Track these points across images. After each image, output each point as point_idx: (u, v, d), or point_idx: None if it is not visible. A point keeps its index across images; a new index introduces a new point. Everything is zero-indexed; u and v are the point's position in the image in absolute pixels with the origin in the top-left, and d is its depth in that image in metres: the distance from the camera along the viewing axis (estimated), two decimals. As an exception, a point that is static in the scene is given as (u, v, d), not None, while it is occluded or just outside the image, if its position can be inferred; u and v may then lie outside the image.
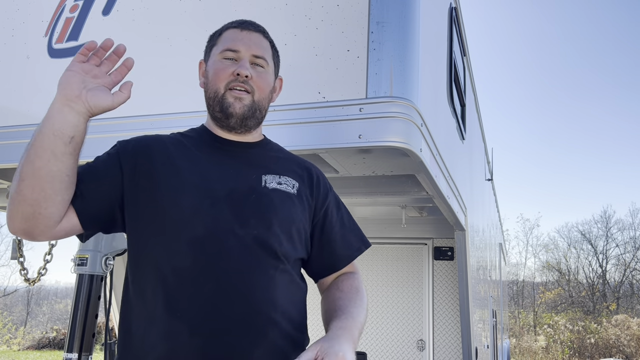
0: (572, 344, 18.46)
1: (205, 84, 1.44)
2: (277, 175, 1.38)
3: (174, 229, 1.25)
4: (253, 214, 1.29)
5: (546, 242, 31.11)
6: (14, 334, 19.82)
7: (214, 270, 1.23)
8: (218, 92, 1.37)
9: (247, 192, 1.32)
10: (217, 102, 1.37)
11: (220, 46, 1.41)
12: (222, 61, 1.38)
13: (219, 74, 1.37)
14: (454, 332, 4.79)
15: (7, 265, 29.45)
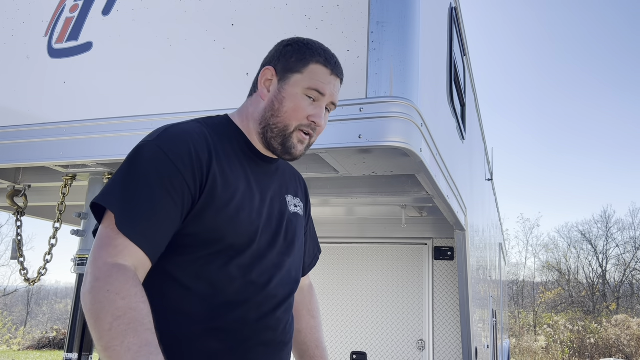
0: (572, 344, 18.46)
1: (272, 104, 1.33)
2: (293, 196, 1.45)
3: (227, 254, 1.24)
4: (285, 242, 1.36)
5: (546, 242, 31.14)
6: (14, 334, 19.82)
7: (258, 298, 1.27)
8: (288, 129, 1.31)
9: (280, 217, 1.36)
10: (282, 136, 1.32)
11: (307, 81, 1.31)
12: (304, 99, 1.31)
13: (298, 113, 1.31)
14: (454, 332, 4.79)
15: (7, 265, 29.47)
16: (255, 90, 1.40)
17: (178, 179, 1.17)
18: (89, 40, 2.37)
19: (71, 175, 2.58)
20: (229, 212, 1.23)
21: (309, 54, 1.33)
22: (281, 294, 1.32)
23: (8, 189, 2.85)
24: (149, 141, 1.23)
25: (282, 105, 1.32)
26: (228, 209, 1.23)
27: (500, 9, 45.90)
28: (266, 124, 1.33)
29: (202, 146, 1.24)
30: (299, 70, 1.32)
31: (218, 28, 2.14)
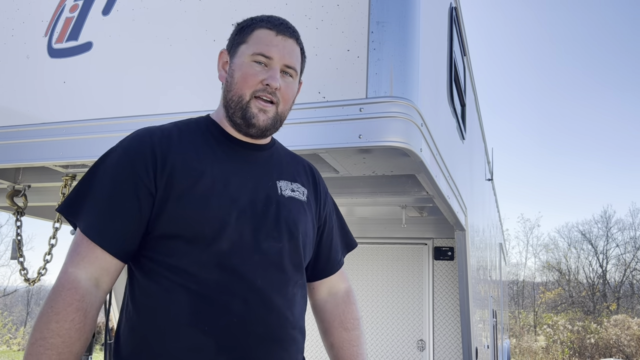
0: (572, 344, 18.46)
1: (227, 81, 1.34)
2: (289, 181, 1.38)
3: (201, 243, 1.20)
4: (275, 226, 1.28)
5: (546, 242, 31.14)
6: (14, 334, 19.81)
7: (241, 287, 1.21)
8: (243, 98, 1.29)
9: (267, 201, 1.29)
10: (240, 108, 1.29)
11: (252, 47, 1.30)
12: (252, 65, 1.29)
13: (247, 80, 1.28)
14: (454, 332, 4.79)
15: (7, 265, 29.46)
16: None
17: (132, 173, 1.22)
18: (89, 40, 2.37)
19: (71, 175, 2.58)
20: (192, 199, 1.21)
21: (251, 23, 1.34)
22: (274, 282, 1.25)
23: (8, 189, 2.84)
24: (113, 148, 1.29)
25: (232, 78, 1.31)
26: (191, 196, 1.21)
27: (500, 10, 45.91)
28: (226, 103, 1.33)
29: (162, 141, 1.26)
30: (244, 40, 1.32)
31: (218, 28, 2.14)
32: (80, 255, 1.18)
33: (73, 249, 1.19)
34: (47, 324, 1.12)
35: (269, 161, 1.38)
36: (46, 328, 1.11)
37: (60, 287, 1.15)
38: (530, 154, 42.71)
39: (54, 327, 1.12)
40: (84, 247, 1.19)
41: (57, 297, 1.14)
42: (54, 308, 1.13)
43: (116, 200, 1.21)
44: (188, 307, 1.18)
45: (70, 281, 1.15)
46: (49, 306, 1.13)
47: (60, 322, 1.12)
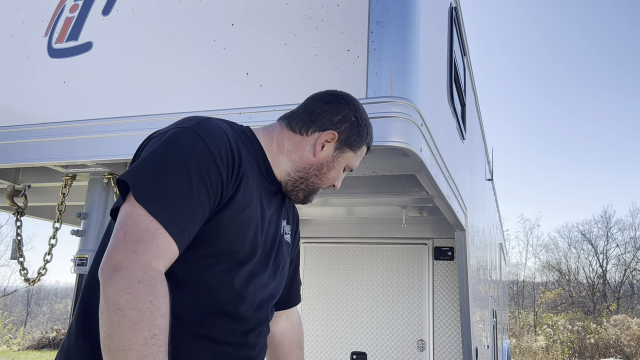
0: (572, 344, 18.46)
1: (320, 165, 1.38)
2: (286, 222, 1.46)
3: (230, 261, 1.21)
4: (274, 266, 1.37)
5: (546, 242, 31.18)
6: (14, 334, 19.82)
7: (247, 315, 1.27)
8: (316, 188, 1.42)
9: (274, 240, 1.37)
10: (309, 191, 1.42)
11: (352, 159, 1.43)
12: (341, 168, 1.43)
13: (332, 180, 1.42)
14: (454, 332, 4.79)
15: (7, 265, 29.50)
16: (299, 131, 1.38)
17: (215, 172, 1.14)
18: (89, 40, 2.37)
19: (71, 175, 2.58)
20: (242, 218, 1.21)
21: (365, 136, 1.43)
22: (263, 316, 1.33)
23: (8, 189, 2.84)
24: (186, 127, 1.17)
25: (329, 172, 1.40)
26: (242, 214, 1.21)
27: (500, 11, 45.90)
28: (305, 177, 1.39)
29: (235, 146, 1.22)
30: (354, 149, 1.41)
31: (218, 28, 2.14)
32: (160, 247, 1.06)
33: (148, 238, 1.05)
34: (154, 320, 1.00)
35: (279, 199, 1.43)
36: (153, 325, 1.00)
37: (153, 281, 1.02)
38: (530, 154, 42.71)
39: (160, 322, 1.01)
40: (162, 240, 1.06)
41: (154, 291, 1.02)
42: (154, 303, 1.01)
43: (197, 197, 1.11)
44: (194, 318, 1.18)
45: (158, 273, 1.05)
46: (148, 301, 1.00)
47: (164, 316, 1.03)
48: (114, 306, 0.99)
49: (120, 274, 1.01)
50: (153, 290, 1.02)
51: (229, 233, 1.19)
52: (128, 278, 1.01)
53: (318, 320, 5.05)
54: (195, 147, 1.13)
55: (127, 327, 0.98)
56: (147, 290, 1.01)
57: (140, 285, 1.01)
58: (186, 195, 1.09)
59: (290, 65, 1.88)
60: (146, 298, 1.00)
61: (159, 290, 1.03)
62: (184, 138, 1.15)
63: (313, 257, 5.20)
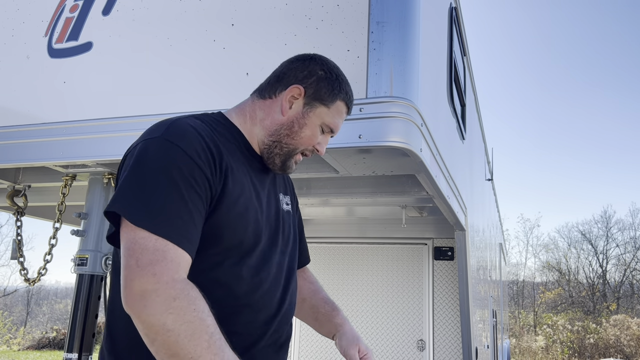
0: (572, 344, 18.46)
1: (289, 123, 1.33)
2: (284, 194, 1.46)
3: (237, 253, 1.22)
4: (284, 241, 1.38)
5: (546, 242, 31.18)
6: (14, 334, 19.82)
7: (268, 299, 1.28)
8: (294, 151, 1.35)
9: (277, 216, 1.37)
10: (286, 155, 1.35)
11: (329, 117, 1.35)
12: (318, 130, 1.35)
13: (311, 140, 1.35)
14: (454, 332, 4.79)
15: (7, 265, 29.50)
16: (269, 95, 1.36)
17: (199, 172, 1.13)
18: (89, 40, 2.37)
19: (71, 175, 2.58)
20: (238, 208, 1.21)
21: (338, 90, 1.36)
22: (288, 289, 1.35)
23: (8, 189, 2.84)
24: (156, 137, 1.16)
25: (301, 130, 1.33)
26: (238, 205, 1.21)
27: (500, 11, 45.90)
28: (278, 140, 1.34)
29: (211, 140, 1.21)
30: (326, 103, 1.34)
31: (218, 28, 2.14)
32: (175, 261, 1.06)
33: (160, 257, 1.05)
34: (205, 323, 1.04)
35: (270, 173, 1.43)
36: (206, 327, 1.04)
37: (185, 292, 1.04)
38: (530, 154, 42.71)
39: (210, 321, 1.05)
40: (173, 254, 1.07)
41: (191, 300, 1.04)
42: (197, 309, 1.04)
43: (190, 202, 1.11)
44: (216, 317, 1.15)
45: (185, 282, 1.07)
46: (192, 310, 1.03)
47: (210, 314, 1.06)
48: (163, 329, 1.01)
49: (151, 299, 1.02)
50: (189, 299, 1.04)
51: (230, 226, 1.19)
52: (162, 300, 1.02)
53: (318, 320, 5.04)
54: (172, 155, 1.12)
55: (187, 340, 1.01)
56: (186, 302, 1.03)
57: (177, 301, 1.02)
58: (180, 204, 1.09)
59: (290, 65, 1.87)
60: (189, 309, 1.03)
61: (194, 296, 1.05)
62: (156, 148, 1.14)
63: (313, 257, 5.20)
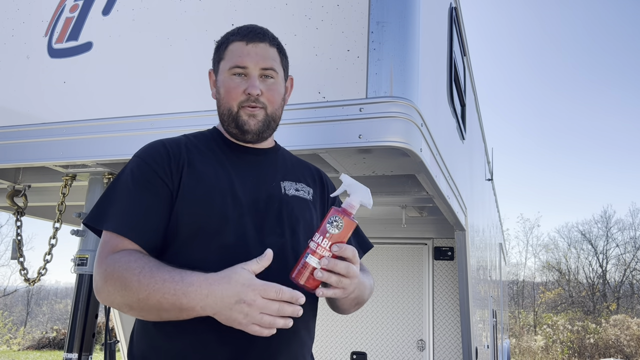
0: (572, 344, 18.46)
1: (217, 99, 1.44)
2: (293, 182, 1.44)
3: (205, 238, 1.26)
4: (278, 222, 1.34)
5: (546, 242, 31.19)
6: (14, 334, 19.82)
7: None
8: (232, 111, 1.38)
9: (269, 200, 1.35)
10: (232, 119, 1.38)
11: (228, 62, 1.39)
12: (232, 78, 1.38)
13: (230, 93, 1.37)
14: (454, 332, 4.79)
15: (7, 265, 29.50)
16: None
17: (152, 175, 1.29)
18: (89, 40, 2.37)
19: (71, 175, 2.58)
20: (198, 196, 1.29)
21: (225, 39, 1.43)
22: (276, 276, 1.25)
23: (8, 189, 2.84)
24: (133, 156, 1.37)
25: (220, 94, 1.41)
26: (196, 193, 1.29)
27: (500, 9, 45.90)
28: (221, 118, 1.43)
29: (173, 147, 1.35)
30: (221, 57, 1.42)
31: (218, 28, 2.14)
32: (114, 243, 1.24)
33: (103, 246, 1.24)
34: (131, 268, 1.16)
35: (274, 164, 1.45)
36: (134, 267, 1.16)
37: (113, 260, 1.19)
38: (530, 154, 42.71)
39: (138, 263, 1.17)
40: (114, 240, 1.24)
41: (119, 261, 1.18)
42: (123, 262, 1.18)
43: (141, 199, 1.27)
44: None
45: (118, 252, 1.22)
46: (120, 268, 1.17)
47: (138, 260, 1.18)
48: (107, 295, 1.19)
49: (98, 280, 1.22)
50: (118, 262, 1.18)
51: (190, 215, 1.27)
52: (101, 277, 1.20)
53: (318, 320, 5.03)
54: (133, 167, 1.32)
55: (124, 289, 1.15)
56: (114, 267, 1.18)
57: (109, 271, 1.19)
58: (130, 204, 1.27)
59: (290, 65, 1.87)
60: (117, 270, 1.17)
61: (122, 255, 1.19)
62: (127, 166, 1.35)
63: (313, 257, 5.19)
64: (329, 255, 1.17)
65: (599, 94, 39.52)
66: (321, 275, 1.16)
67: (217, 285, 1.12)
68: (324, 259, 1.17)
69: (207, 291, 1.11)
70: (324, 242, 1.17)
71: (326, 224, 1.19)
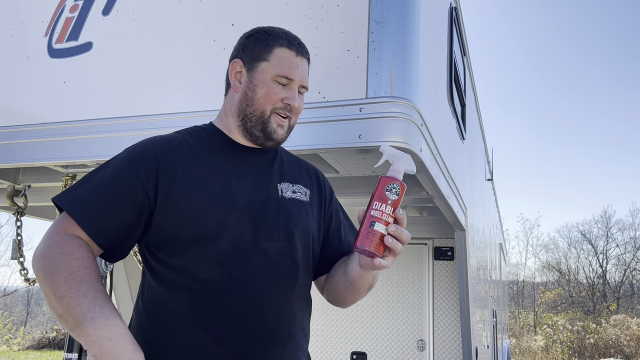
0: (572, 344, 18.46)
1: (246, 95, 1.37)
2: (291, 183, 1.42)
3: (201, 242, 1.25)
4: (275, 226, 1.32)
5: (546, 242, 31.15)
6: (14, 334, 19.81)
7: (240, 284, 1.25)
8: (264, 114, 1.35)
9: (266, 203, 1.34)
10: (261, 122, 1.35)
11: (275, 67, 1.35)
12: (275, 84, 1.35)
13: (271, 97, 1.35)
14: (454, 332, 4.79)
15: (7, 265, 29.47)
16: (228, 87, 1.44)
17: (134, 178, 1.26)
18: (89, 40, 2.37)
19: (71, 175, 2.58)
20: (194, 200, 1.26)
21: (271, 40, 1.38)
22: (273, 280, 1.29)
23: (8, 189, 2.84)
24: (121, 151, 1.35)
25: (255, 93, 1.36)
26: (192, 197, 1.27)
27: (500, 9, 45.93)
28: (243, 115, 1.37)
29: (162, 147, 1.32)
30: (264, 57, 1.37)
31: (218, 28, 2.14)
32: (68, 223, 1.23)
33: (58, 222, 1.23)
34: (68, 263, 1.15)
35: (271, 164, 1.43)
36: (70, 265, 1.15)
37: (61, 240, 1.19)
38: (530, 154, 42.71)
39: (75, 263, 1.16)
40: (69, 220, 1.23)
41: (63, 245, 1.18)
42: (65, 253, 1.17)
43: (112, 197, 1.25)
44: (189, 304, 1.22)
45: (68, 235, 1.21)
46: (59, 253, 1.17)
47: (79, 259, 1.17)
48: (37, 271, 1.17)
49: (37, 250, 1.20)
50: (62, 245, 1.18)
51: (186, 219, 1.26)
52: (41, 248, 1.20)
53: (318, 320, 5.05)
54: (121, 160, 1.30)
55: (49, 277, 1.14)
56: (56, 248, 1.18)
57: (51, 247, 1.18)
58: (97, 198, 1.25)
59: (290, 65, 1.88)
60: (57, 252, 1.17)
61: (68, 243, 1.19)
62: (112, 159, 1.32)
63: (313, 257, 5.19)
64: (392, 221, 1.21)
65: (599, 93, 39.55)
66: (391, 242, 1.19)
67: (125, 346, 1.11)
68: (390, 225, 1.20)
69: (111, 337, 1.10)
70: (387, 209, 1.20)
71: (385, 191, 1.22)
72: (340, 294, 1.45)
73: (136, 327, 1.30)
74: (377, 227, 1.19)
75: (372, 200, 1.22)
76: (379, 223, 1.19)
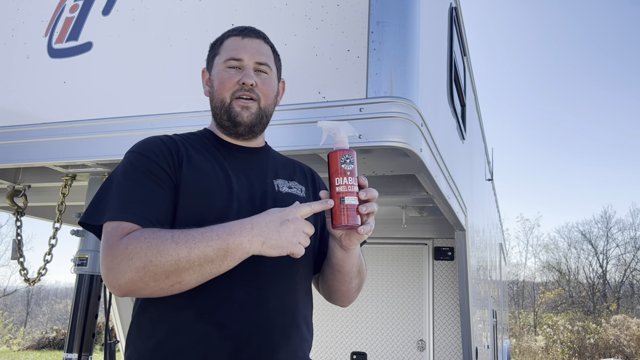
0: (572, 344, 18.45)
1: (210, 93, 1.44)
2: (286, 180, 1.44)
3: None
4: None
5: (546, 242, 31.18)
6: (14, 334, 19.82)
7: (242, 275, 1.24)
8: (224, 102, 1.39)
9: (264, 197, 1.35)
10: (224, 111, 1.39)
11: (223, 55, 1.41)
12: (227, 70, 1.39)
13: (225, 84, 1.38)
14: (454, 332, 4.79)
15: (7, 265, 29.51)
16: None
17: (153, 165, 1.26)
18: (89, 40, 2.37)
19: (71, 175, 2.58)
20: (198, 190, 1.28)
21: (221, 37, 1.46)
22: (273, 270, 1.29)
23: (8, 189, 2.84)
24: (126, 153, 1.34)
25: (214, 87, 1.42)
26: (196, 187, 1.28)
27: (500, 10, 45.92)
28: (214, 112, 1.43)
29: (169, 142, 1.34)
30: (216, 53, 1.45)
31: (218, 28, 2.14)
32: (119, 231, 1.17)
33: (109, 236, 1.17)
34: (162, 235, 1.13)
35: (265, 163, 1.46)
36: (164, 236, 1.13)
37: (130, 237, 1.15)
38: (530, 154, 42.72)
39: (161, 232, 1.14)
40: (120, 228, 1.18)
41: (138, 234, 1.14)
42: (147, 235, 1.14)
43: (143, 186, 1.24)
44: (190, 296, 1.21)
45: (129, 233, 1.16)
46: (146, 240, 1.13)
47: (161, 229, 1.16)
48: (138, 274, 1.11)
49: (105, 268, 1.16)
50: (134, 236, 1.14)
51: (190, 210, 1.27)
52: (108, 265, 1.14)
53: (318, 320, 5.05)
54: (129, 159, 1.29)
55: (159, 256, 1.11)
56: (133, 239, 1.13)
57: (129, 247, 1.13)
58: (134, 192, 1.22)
59: (290, 65, 1.87)
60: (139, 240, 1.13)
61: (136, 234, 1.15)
62: (121, 162, 1.32)
63: (313, 257, 5.19)
64: (357, 189, 1.22)
65: (599, 93, 39.54)
66: (366, 209, 1.20)
67: (258, 217, 1.16)
68: (360, 193, 1.22)
69: (250, 224, 1.14)
70: (350, 180, 1.21)
71: (340, 165, 1.22)
72: (332, 286, 1.45)
73: (138, 323, 1.30)
74: (348, 201, 1.20)
75: (333, 178, 1.23)
76: (348, 197, 1.20)
